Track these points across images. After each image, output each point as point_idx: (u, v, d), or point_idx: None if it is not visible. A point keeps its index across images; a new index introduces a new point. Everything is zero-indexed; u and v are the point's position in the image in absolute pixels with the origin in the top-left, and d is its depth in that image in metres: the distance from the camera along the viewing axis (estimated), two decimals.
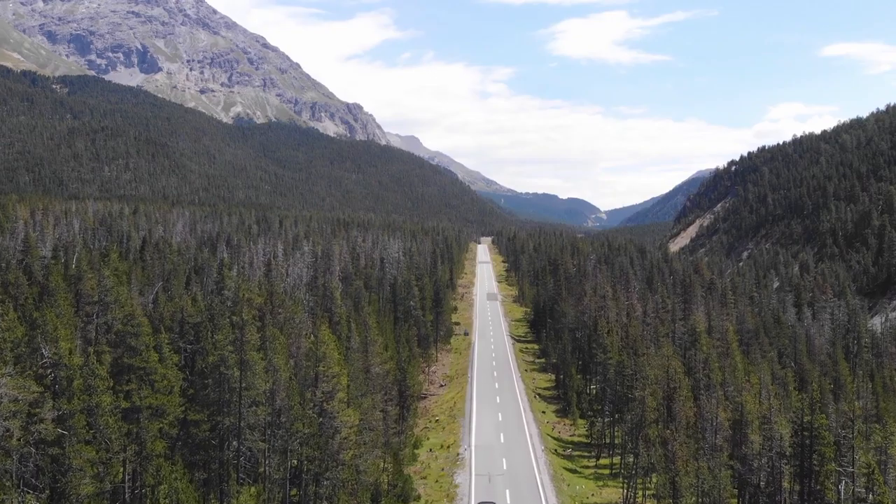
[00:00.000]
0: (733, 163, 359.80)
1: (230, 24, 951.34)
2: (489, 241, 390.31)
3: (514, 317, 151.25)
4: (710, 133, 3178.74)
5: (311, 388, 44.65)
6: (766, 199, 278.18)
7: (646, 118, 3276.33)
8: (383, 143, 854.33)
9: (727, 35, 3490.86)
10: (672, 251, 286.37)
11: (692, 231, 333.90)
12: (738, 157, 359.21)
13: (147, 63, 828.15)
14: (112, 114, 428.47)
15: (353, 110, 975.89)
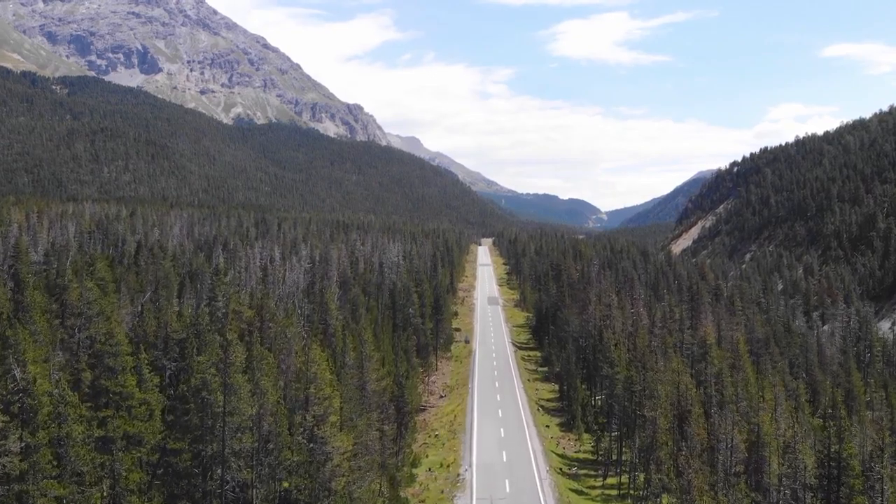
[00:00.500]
0: (735, 164, 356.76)
1: (230, 25, 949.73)
2: (490, 242, 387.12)
3: (515, 322, 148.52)
4: (711, 133, 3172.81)
5: (301, 412, 41.98)
6: (769, 200, 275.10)
7: (646, 119, 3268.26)
8: (384, 143, 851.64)
9: (727, 35, 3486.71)
10: (674, 253, 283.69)
11: (694, 232, 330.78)
12: (739, 158, 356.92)
13: (147, 64, 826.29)
14: (112, 115, 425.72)
15: (354, 111, 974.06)
